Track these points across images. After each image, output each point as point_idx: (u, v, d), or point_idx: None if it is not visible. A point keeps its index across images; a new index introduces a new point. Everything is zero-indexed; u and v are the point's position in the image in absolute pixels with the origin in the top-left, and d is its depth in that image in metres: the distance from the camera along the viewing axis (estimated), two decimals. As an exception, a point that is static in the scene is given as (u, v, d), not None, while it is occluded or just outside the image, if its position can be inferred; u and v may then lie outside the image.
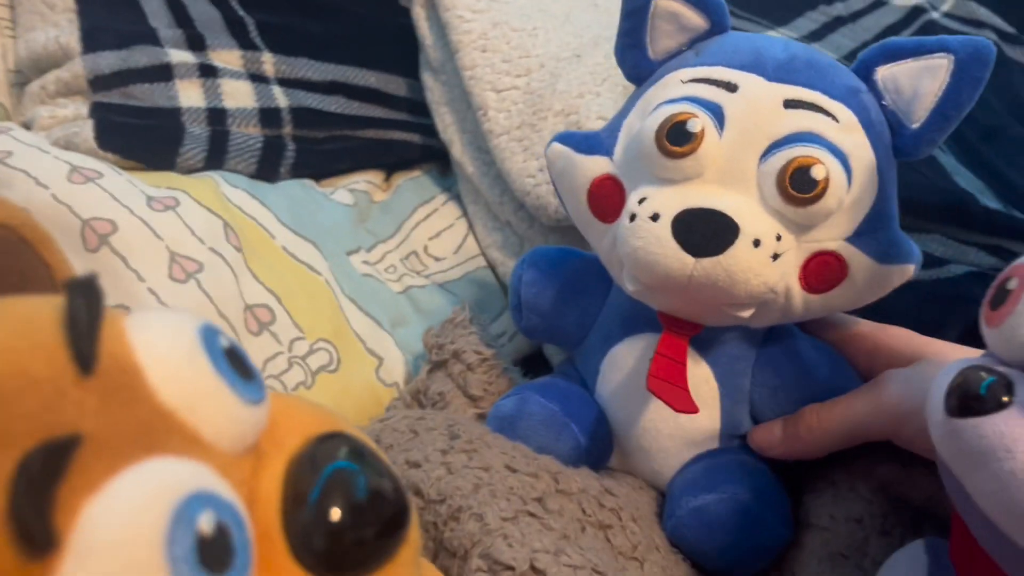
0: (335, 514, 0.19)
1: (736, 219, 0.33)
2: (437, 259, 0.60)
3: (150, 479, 0.17)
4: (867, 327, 0.41)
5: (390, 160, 0.65)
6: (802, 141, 0.33)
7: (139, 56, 0.56)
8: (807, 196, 0.33)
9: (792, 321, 0.39)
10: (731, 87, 0.35)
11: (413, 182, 0.64)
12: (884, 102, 0.36)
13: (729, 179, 0.34)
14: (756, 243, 0.33)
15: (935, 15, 0.71)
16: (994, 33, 0.70)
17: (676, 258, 0.33)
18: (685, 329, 0.37)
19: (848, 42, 0.68)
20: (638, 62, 0.38)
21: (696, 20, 0.38)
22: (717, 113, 0.34)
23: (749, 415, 0.41)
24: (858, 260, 0.35)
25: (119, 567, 0.16)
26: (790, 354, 0.40)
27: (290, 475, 0.20)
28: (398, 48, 0.65)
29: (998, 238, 0.55)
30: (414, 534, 0.21)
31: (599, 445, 0.41)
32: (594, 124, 0.53)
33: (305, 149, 0.60)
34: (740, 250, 0.33)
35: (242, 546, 0.18)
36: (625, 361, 0.41)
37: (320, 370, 0.48)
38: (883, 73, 0.36)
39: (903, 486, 0.37)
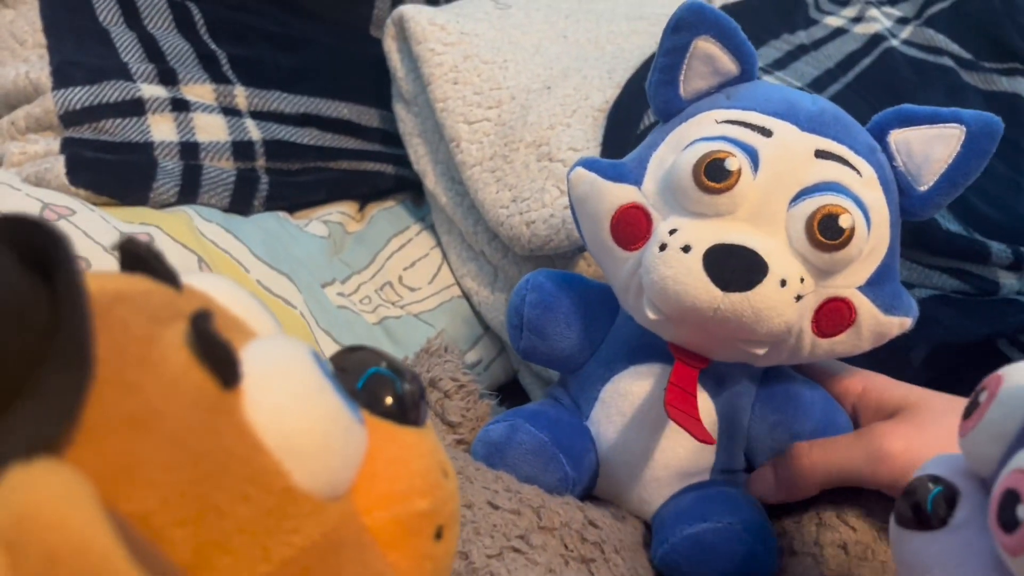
0: (387, 397, 0.24)
1: (766, 258, 0.34)
2: (412, 289, 0.60)
3: (276, 340, 0.21)
4: (854, 372, 0.43)
5: (364, 191, 0.65)
6: (830, 190, 0.35)
7: (110, 91, 0.56)
8: (834, 243, 0.35)
9: (795, 363, 0.41)
10: (766, 132, 0.36)
11: (387, 212, 0.65)
12: (895, 164, 0.38)
13: (759, 219, 0.36)
14: (783, 283, 0.35)
15: (895, 43, 0.73)
16: (951, 59, 0.72)
17: (705, 290, 0.34)
18: (695, 361, 0.38)
19: (812, 70, 0.69)
20: (670, 99, 0.39)
21: (729, 65, 0.39)
22: (752, 155, 0.36)
23: (743, 452, 0.42)
24: (866, 308, 0.37)
25: (294, 382, 0.20)
26: (788, 392, 0.42)
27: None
28: (370, 80, 0.66)
29: (959, 261, 0.56)
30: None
31: (586, 475, 0.42)
32: (566, 155, 0.54)
33: (278, 181, 0.60)
34: (768, 288, 0.34)
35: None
36: (629, 389, 0.41)
37: (297, 404, 0.48)
38: (896, 137, 0.38)
39: (887, 512, 0.38)
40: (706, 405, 0.41)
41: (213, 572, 0.18)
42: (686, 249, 0.35)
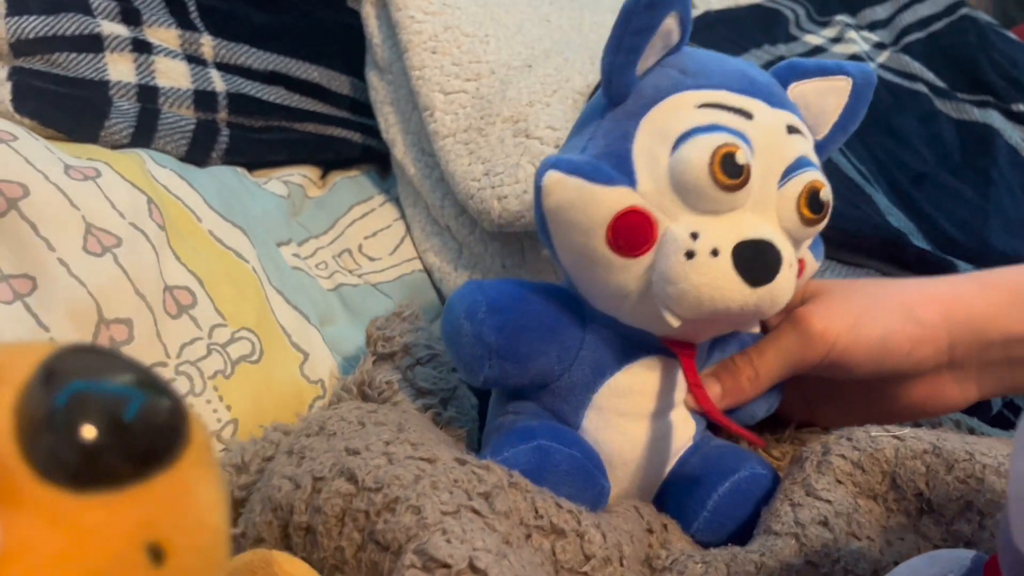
0: (87, 432, 0.17)
1: (778, 246, 0.34)
2: (371, 259, 0.57)
3: None
4: None
5: (328, 156, 0.62)
6: (805, 166, 0.36)
7: (67, 23, 0.53)
8: (819, 216, 0.36)
9: None
10: (747, 115, 0.35)
11: (351, 181, 0.62)
12: None
13: (758, 205, 0.35)
14: (791, 266, 0.35)
15: (871, 66, 0.74)
16: (926, 87, 0.73)
17: (739, 291, 0.34)
18: (690, 349, 0.38)
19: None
20: (630, 80, 0.36)
21: (676, 37, 0.37)
22: (745, 141, 0.34)
23: None
24: (810, 262, 0.39)
25: None
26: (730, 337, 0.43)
27: (21, 403, 0.18)
28: (343, 45, 0.64)
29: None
30: (198, 434, 0.20)
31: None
32: (543, 133, 0.52)
33: (240, 136, 0.57)
34: (784, 276, 0.35)
35: None
36: (629, 388, 0.39)
37: (241, 360, 0.45)
38: (794, 91, 0.39)
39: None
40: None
41: None
42: (715, 253, 0.34)
